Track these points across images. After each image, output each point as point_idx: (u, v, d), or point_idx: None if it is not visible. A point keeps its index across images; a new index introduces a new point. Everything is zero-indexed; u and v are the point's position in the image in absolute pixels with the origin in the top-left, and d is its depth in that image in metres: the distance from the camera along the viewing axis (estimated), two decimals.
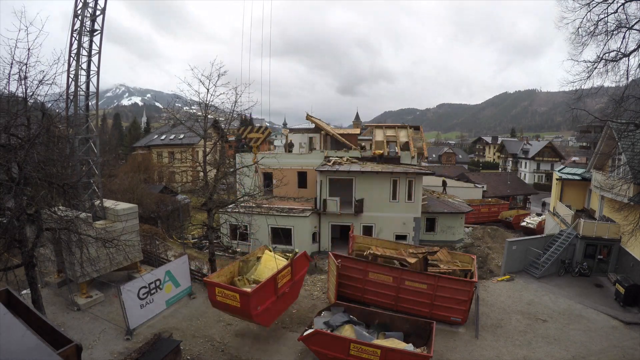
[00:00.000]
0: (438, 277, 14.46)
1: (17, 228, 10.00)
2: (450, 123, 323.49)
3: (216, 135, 36.18)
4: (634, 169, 15.67)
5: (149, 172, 40.97)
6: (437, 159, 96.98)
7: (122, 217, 15.66)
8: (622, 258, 19.42)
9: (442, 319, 14.31)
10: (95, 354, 11.88)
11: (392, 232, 23.48)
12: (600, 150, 22.01)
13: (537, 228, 31.24)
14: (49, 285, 16.07)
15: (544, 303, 16.93)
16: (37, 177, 9.64)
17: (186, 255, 16.67)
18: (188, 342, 12.78)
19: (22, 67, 9.81)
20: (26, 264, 10.54)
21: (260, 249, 15.20)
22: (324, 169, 22.99)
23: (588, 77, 12.67)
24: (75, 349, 4.71)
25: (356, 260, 15.79)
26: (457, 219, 26.52)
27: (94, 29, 14.90)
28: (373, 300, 15.40)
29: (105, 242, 11.65)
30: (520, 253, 20.85)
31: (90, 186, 15.63)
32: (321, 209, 23.21)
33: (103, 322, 13.67)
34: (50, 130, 11.87)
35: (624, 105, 12.68)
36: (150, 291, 14.02)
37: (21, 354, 2.86)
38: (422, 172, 23.21)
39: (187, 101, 17.55)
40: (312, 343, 11.44)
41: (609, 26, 12.08)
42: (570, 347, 13.37)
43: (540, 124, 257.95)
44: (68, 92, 14.50)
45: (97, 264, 13.41)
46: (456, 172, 49.21)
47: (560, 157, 71.92)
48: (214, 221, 17.35)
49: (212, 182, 16.46)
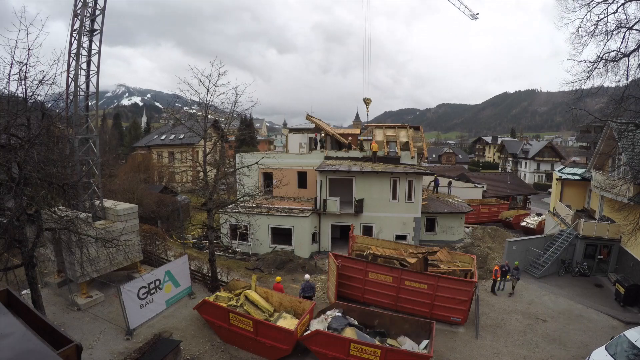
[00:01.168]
0: (438, 277, 14.46)
1: (17, 228, 10.00)
2: (450, 123, 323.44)
3: (216, 135, 36.20)
4: (634, 169, 15.67)
5: (149, 172, 40.99)
6: (437, 159, 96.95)
7: (122, 217, 15.66)
8: (622, 258, 19.43)
9: (442, 319, 14.32)
10: (95, 354, 11.88)
11: (392, 232, 23.48)
12: (600, 150, 22.01)
13: (537, 228, 31.25)
14: (49, 285, 16.06)
15: (544, 303, 16.94)
16: (37, 177, 9.63)
17: (186, 255, 16.67)
18: (188, 342, 12.78)
19: (22, 67, 9.81)
20: (26, 264, 10.54)
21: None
22: (324, 169, 23.00)
23: (588, 77, 12.70)
24: (75, 349, 4.70)
25: (356, 260, 15.80)
26: (457, 219, 26.52)
27: (94, 29, 14.90)
28: (373, 300, 15.41)
29: (105, 242, 11.66)
30: (520, 253, 20.86)
31: (90, 186, 15.63)
32: (321, 209, 23.22)
33: (103, 322, 13.67)
34: (50, 130, 11.88)
35: (624, 105, 12.69)
36: (150, 291, 14.02)
37: (21, 354, 2.86)
38: (422, 172, 23.20)
39: (187, 101, 17.53)
40: (312, 343, 11.45)
41: (609, 26, 12.12)
42: (570, 347, 13.37)
43: (540, 124, 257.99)
44: (68, 92, 14.50)
45: (97, 264, 13.41)
46: (456, 172, 49.16)
47: (560, 157, 71.89)
48: (214, 221, 17.34)
49: (212, 182, 16.45)
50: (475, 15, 41.49)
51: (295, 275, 19.64)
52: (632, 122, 13.95)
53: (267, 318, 12.76)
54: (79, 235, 11.03)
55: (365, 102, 33.47)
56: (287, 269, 20.25)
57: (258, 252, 22.80)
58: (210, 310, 13.06)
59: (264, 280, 18.34)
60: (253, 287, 14.22)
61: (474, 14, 41.46)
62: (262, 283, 17.35)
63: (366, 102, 33.44)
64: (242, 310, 12.71)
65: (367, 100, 33.31)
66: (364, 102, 33.57)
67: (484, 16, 53.40)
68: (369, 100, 33.41)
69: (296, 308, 13.43)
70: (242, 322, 12.19)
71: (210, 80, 15.14)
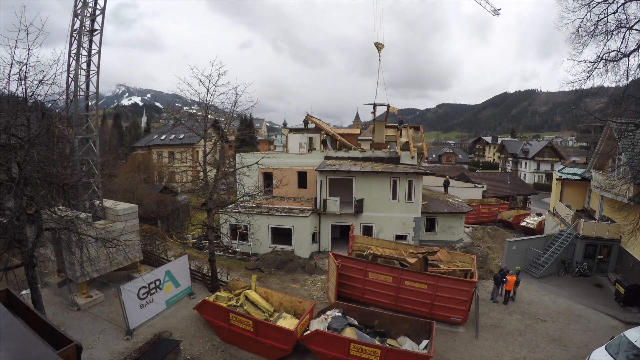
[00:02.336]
0: (438, 277, 14.46)
1: (17, 228, 10.00)
2: (450, 123, 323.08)
3: (216, 135, 36.20)
4: (634, 169, 15.67)
5: (149, 172, 41.00)
6: (437, 159, 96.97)
7: (122, 217, 15.66)
8: (622, 258, 19.42)
9: (442, 319, 14.32)
10: (95, 354, 11.88)
11: (392, 232, 23.48)
12: (600, 150, 22.00)
13: (537, 228, 31.25)
14: (49, 285, 16.06)
15: (544, 303, 16.93)
16: (37, 177, 9.63)
17: (186, 255, 16.67)
18: (188, 342, 12.78)
19: (22, 67, 9.81)
20: (26, 264, 10.54)
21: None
22: (324, 169, 23.00)
23: (588, 77, 12.69)
24: (75, 349, 4.71)
25: (356, 260, 15.80)
26: (457, 219, 26.52)
27: (94, 29, 14.90)
28: (373, 300, 15.41)
29: (105, 242, 11.66)
30: (520, 253, 20.86)
31: (90, 186, 15.63)
32: (321, 209, 23.22)
33: (103, 322, 13.68)
34: (50, 130, 11.87)
35: (624, 105, 12.68)
36: (150, 291, 14.02)
37: (21, 354, 2.86)
38: (422, 172, 23.20)
39: (187, 101, 17.53)
40: (312, 343, 11.46)
41: (609, 26, 12.11)
42: (570, 347, 13.37)
43: (540, 124, 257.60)
44: (68, 92, 14.50)
45: (97, 264, 13.42)
46: (456, 172, 49.15)
47: (560, 157, 71.89)
48: (213, 221, 17.34)
49: (212, 182, 16.46)
50: (497, 11, 39.91)
51: (295, 275, 19.64)
52: (632, 122, 13.94)
53: (267, 318, 12.77)
54: (79, 235, 11.04)
55: (377, 46, 29.99)
56: (287, 269, 20.24)
57: (258, 252, 22.80)
58: (210, 310, 13.07)
59: (264, 280, 18.34)
60: (253, 287, 14.23)
61: (496, 9, 40.09)
62: (262, 283, 17.34)
63: (378, 46, 29.97)
64: (242, 310, 12.72)
65: (379, 44, 29.89)
66: (376, 46, 30.16)
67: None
68: (381, 45, 30.00)
69: (296, 308, 13.44)
70: (242, 322, 12.20)
71: (210, 80, 15.15)
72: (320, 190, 23.34)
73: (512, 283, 16.45)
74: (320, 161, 24.87)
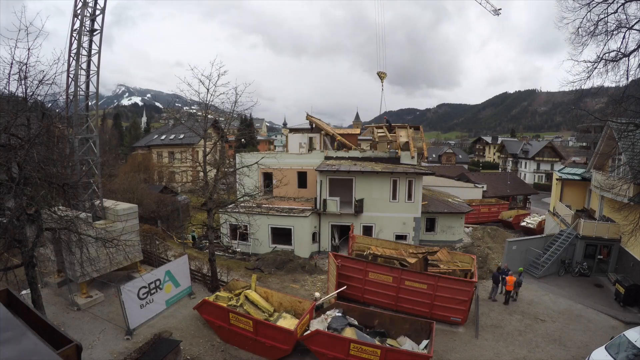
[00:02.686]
0: (438, 277, 14.46)
1: (17, 228, 9.99)
2: (450, 123, 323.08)
3: (216, 135, 36.19)
4: (634, 169, 15.67)
5: (149, 172, 41.03)
6: (437, 159, 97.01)
7: (122, 217, 15.67)
8: (622, 258, 19.42)
9: (442, 319, 14.32)
10: (95, 353, 11.88)
11: (392, 232, 23.48)
12: (600, 150, 22.00)
13: (537, 228, 31.25)
14: (49, 285, 16.06)
15: (544, 303, 16.93)
16: (37, 177, 9.63)
17: (186, 255, 16.67)
18: (188, 342, 12.78)
19: (22, 67, 9.80)
20: (26, 264, 10.54)
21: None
22: (324, 169, 23.00)
23: (588, 77, 12.68)
24: (75, 349, 4.71)
25: (356, 260, 15.80)
26: (457, 219, 26.53)
27: (94, 29, 14.90)
28: (373, 300, 15.41)
29: (105, 242, 11.66)
30: (520, 253, 20.86)
31: (90, 186, 15.63)
32: (321, 209, 23.22)
33: (103, 322, 13.67)
34: (50, 130, 11.87)
35: (624, 105, 12.68)
36: (150, 291, 14.02)
37: (21, 354, 2.86)
38: (422, 172, 23.20)
39: (187, 101, 17.53)
40: (312, 343, 11.46)
41: (609, 26, 12.11)
42: (570, 347, 13.37)
43: (540, 124, 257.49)
44: (68, 92, 14.50)
45: (97, 264, 13.41)
46: (456, 172, 49.15)
47: (560, 157, 71.86)
48: (213, 221, 17.34)
49: (212, 182, 16.46)
50: (497, 11, 40.06)
51: (295, 275, 19.65)
52: (632, 122, 13.94)
53: (267, 318, 12.77)
54: (79, 235, 11.04)
55: (380, 75, 32.49)
56: (287, 269, 20.24)
57: (258, 252, 22.80)
58: (210, 310, 13.07)
59: (263, 280, 18.34)
60: (253, 287, 14.23)
61: (497, 9, 40.24)
62: (262, 283, 17.34)
63: (381, 75, 32.46)
64: (242, 310, 12.72)
65: (381, 74, 32.34)
66: (379, 75, 32.60)
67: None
68: (384, 75, 32.47)
69: (296, 308, 13.43)
70: (242, 322, 12.20)
71: (210, 80, 15.15)
72: (320, 190, 23.34)
73: (511, 283, 16.43)
74: (320, 161, 24.87)
